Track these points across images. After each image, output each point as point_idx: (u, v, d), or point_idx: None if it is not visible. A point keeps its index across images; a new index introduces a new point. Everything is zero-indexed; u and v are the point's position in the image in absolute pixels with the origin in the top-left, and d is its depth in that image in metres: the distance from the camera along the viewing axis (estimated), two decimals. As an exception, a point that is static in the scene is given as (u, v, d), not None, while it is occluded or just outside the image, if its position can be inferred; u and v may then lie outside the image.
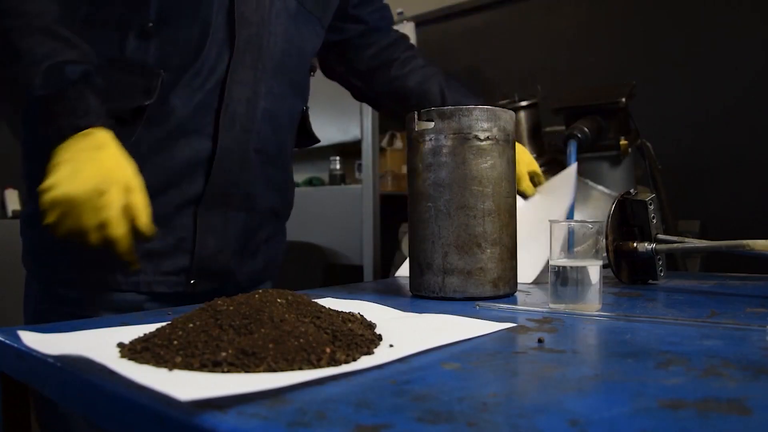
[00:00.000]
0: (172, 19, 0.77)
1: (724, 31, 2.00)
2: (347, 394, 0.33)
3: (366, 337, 0.44)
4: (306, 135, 0.99)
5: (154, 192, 0.76)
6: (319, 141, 1.01)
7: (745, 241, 0.69)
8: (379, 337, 0.45)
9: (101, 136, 0.66)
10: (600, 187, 1.56)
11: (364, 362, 0.39)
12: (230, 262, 0.83)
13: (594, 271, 0.59)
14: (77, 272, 0.76)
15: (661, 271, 0.79)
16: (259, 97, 0.83)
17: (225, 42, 0.79)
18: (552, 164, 1.70)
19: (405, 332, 0.48)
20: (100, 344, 0.43)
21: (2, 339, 0.46)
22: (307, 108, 0.96)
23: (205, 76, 0.78)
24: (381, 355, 0.41)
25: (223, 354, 0.37)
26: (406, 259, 0.84)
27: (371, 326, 0.49)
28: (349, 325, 0.46)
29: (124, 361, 0.39)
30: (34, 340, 0.43)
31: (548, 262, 0.62)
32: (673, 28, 2.10)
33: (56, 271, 0.77)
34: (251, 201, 0.85)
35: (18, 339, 0.44)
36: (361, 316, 0.50)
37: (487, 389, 0.33)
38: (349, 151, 2.51)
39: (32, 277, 0.80)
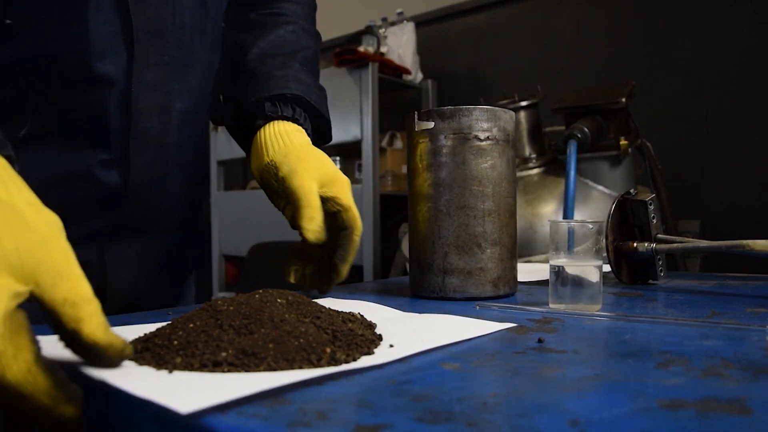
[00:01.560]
0: (38, 12, 0.56)
1: (724, 31, 2.00)
2: (347, 394, 0.33)
3: (366, 337, 0.44)
4: (217, 113, 0.79)
5: None
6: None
7: (745, 241, 0.69)
8: (380, 337, 0.45)
9: None
10: (600, 187, 1.56)
11: (364, 362, 0.39)
12: (149, 288, 0.71)
13: (594, 271, 0.59)
14: None
15: (661, 271, 0.79)
16: (173, 99, 0.65)
17: (118, 37, 0.59)
18: (552, 164, 1.71)
19: (405, 332, 0.48)
20: None
21: (2, 339, 0.46)
22: (215, 84, 0.75)
23: (97, 87, 0.58)
24: (381, 355, 0.41)
25: (223, 354, 0.37)
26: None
27: (371, 326, 0.49)
28: (349, 325, 0.46)
29: (124, 362, 0.38)
30: None
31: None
32: (673, 27, 2.11)
33: None
34: (171, 221, 0.70)
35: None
36: (361, 316, 0.51)
37: (487, 389, 0.33)
38: (349, 151, 2.51)
39: None
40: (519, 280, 0.75)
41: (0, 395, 0.30)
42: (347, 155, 2.56)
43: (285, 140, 0.66)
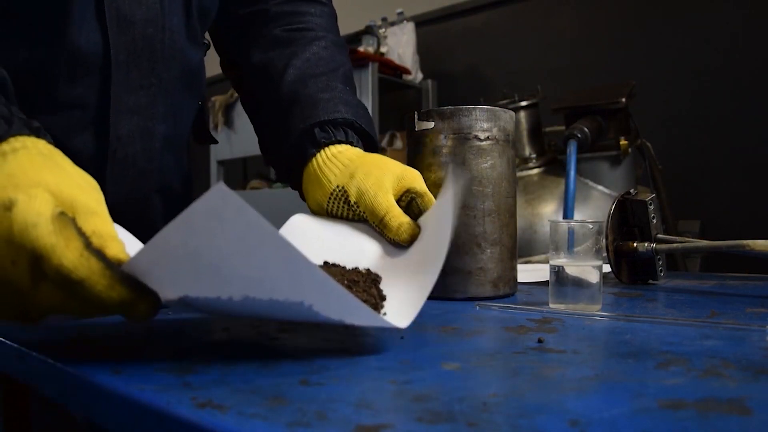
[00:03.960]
0: (12, 24, 0.52)
1: (725, 31, 2.00)
2: (347, 394, 0.33)
3: (370, 303, 0.43)
4: (203, 132, 0.76)
5: None
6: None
7: (745, 241, 0.69)
8: (383, 297, 0.45)
9: (18, 144, 0.38)
10: (600, 187, 1.56)
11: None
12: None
13: (594, 271, 0.59)
14: None
15: (661, 271, 0.79)
16: (156, 122, 0.61)
17: (98, 57, 0.55)
18: (552, 164, 1.71)
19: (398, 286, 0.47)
20: None
21: (2, 339, 0.46)
22: (202, 102, 0.72)
23: (61, 111, 0.54)
24: (391, 317, 0.41)
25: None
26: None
27: (376, 281, 0.48)
28: (354, 288, 0.45)
29: None
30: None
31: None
32: (673, 28, 2.11)
33: None
34: None
35: (18, 339, 0.44)
36: (367, 270, 0.50)
37: (487, 389, 0.33)
38: (349, 151, 2.50)
39: None
40: (519, 280, 0.75)
41: (61, 283, 0.33)
42: (347, 155, 2.55)
43: (343, 161, 0.61)
